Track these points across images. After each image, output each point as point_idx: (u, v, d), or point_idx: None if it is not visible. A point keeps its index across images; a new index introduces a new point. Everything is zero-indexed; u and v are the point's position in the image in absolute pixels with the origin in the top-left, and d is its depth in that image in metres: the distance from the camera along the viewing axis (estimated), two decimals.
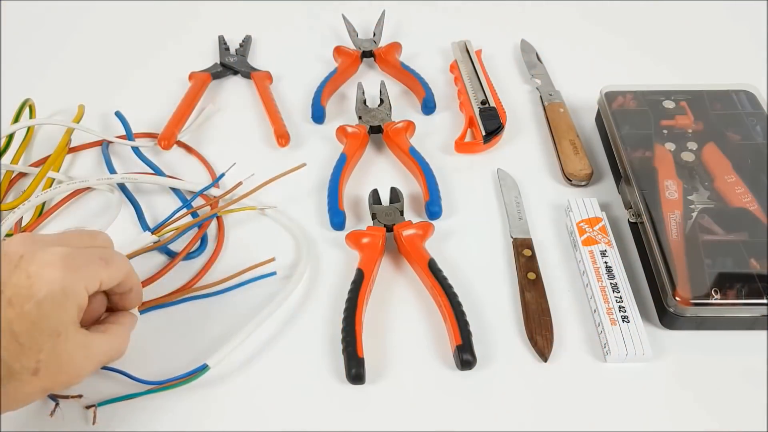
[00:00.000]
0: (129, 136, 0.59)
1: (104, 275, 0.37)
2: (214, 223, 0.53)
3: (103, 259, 0.37)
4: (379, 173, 0.58)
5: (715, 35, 0.72)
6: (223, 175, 0.54)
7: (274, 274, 0.48)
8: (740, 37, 0.72)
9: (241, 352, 0.44)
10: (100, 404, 0.41)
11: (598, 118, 0.60)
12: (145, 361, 0.43)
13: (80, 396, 0.41)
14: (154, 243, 0.49)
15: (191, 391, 0.42)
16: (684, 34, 0.73)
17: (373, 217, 0.51)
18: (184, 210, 0.52)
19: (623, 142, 0.54)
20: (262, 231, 0.53)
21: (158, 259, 0.50)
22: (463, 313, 0.44)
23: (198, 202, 0.55)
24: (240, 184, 0.53)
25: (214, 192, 0.55)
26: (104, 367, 0.41)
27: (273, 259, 0.49)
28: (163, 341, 0.45)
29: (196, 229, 0.51)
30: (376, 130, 0.59)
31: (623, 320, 0.44)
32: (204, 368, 0.42)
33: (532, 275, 0.48)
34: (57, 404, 0.41)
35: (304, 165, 0.31)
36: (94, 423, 0.40)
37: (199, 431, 0.41)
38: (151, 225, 0.52)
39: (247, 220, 0.53)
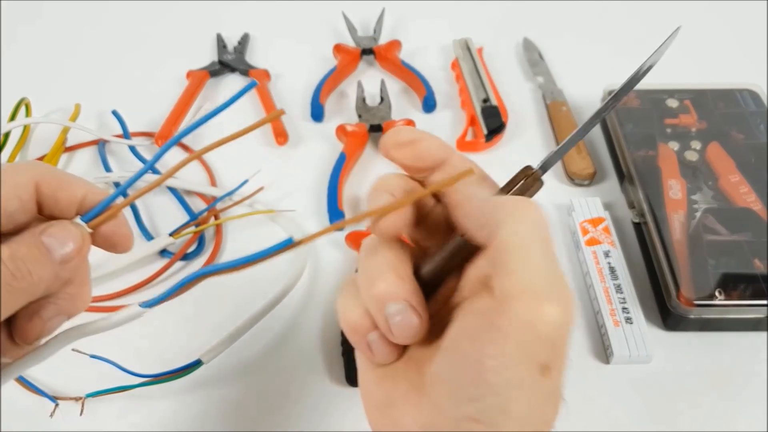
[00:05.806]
0: (126, 134, 0.58)
1: None
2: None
3: None
4: (379, 172, 0.57)
5: (718, 34, 0.72)
6: (246, 181, 0.53)
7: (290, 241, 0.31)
8: (744, 36, 0.72)
9: (238, 351, 0.43)
10: (90, 395, 0.40)
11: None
12: (139, 354, 0.43)
13: (81, 398, 0.41)
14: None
15: (185, 387, 0.42)
16: (687, 33, 0.71)
17: None
18: (192, 215, 0.52)
19: (626, 141, 0.53)
20: (260, 231, 0.52)
21: (156, 260, 0.50)
22: None
23: (197, 202, 0.54)
24: (261, 189, 0.53)
25: (213, 192, 0.54)
26: (96, 357, 0.41)
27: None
28: (159, 335, 0.45)
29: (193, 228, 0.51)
30: (376, 129, 0.58)
31: (627, 321, 0.44)
32: (197, 363, 0.41)
33: None
34: (57, 405, 0.40)
35: (282, 112, 0.28)
36: (81, 414, 0.40)
37: (193, 431, 0.41)
38: (147, 225, 0.52)
39: (245, 219, 0.53)
